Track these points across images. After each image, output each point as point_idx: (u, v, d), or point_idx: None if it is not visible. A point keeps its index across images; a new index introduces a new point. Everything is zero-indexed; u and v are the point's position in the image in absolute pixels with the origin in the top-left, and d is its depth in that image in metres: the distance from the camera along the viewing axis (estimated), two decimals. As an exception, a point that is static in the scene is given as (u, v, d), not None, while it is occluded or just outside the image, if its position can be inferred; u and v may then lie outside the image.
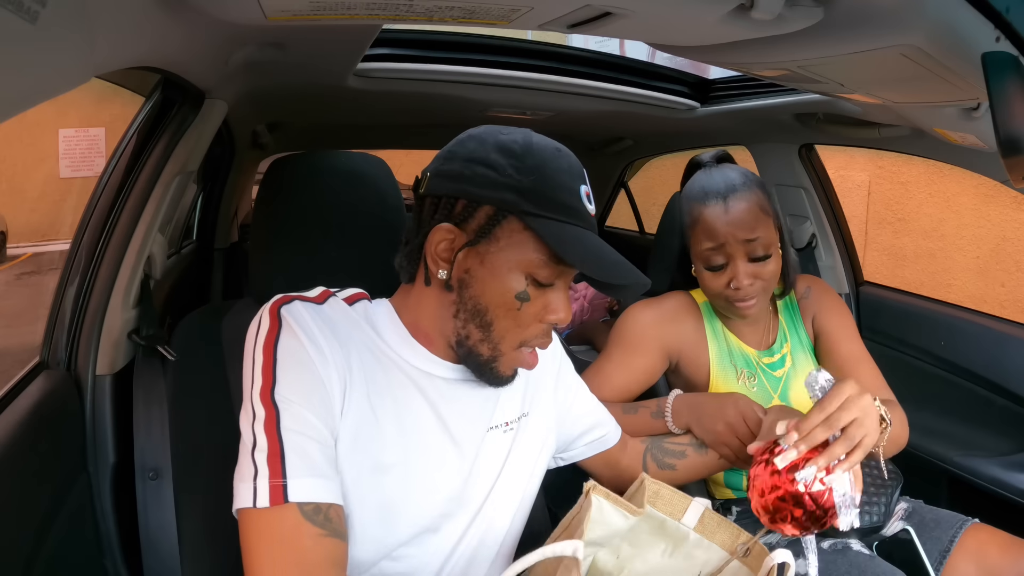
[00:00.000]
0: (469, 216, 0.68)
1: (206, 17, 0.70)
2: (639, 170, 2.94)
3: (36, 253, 6.78)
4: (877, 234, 4.02)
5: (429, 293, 0.72)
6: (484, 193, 0.66)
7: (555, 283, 0.70)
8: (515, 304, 0.68)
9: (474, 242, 0.68)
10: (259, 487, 0.60)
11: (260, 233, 0.95)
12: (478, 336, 0.70)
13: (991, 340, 1.44)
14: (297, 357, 0.64)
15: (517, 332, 0.70)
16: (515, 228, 0.67)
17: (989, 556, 1.02)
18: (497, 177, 0.66)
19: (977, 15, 0.61)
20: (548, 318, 0.70)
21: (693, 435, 0.99)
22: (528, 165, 0.66)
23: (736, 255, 1.04)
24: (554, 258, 0.67)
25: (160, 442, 0.98)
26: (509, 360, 0.72)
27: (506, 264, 0.67)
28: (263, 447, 0.61)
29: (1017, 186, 1.08)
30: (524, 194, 0.65)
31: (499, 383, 0.73)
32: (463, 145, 0.70)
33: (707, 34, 0.74)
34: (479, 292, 0.68)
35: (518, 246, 0.67)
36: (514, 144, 0.68)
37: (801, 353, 1.17)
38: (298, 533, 0.59)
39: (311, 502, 0.60)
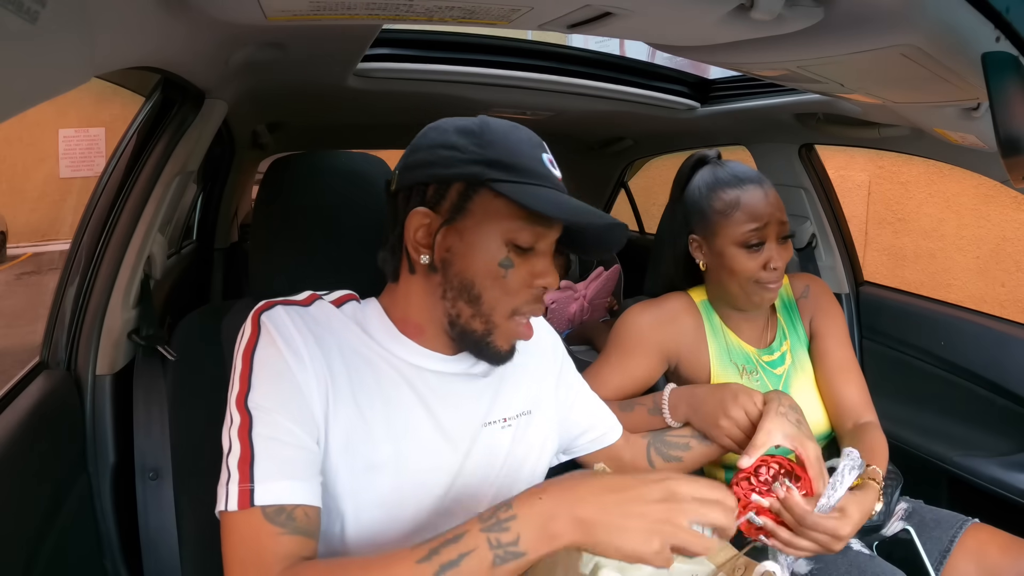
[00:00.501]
0: (441, 197, 0.70)
1: (206, 17, 0.70)
2: (639, 170, 2.94)
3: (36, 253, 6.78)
4: (877, 234, 4.02)
5: (415, 281, 0.73)
6: (452, 172, 0.69)
7: (536, 247, 0.71)
8: (500, 272, 0.69)
9: (450, 220, 0.69)
10: (230, 491, 0.61)
11: (260, 233, 0.95)
12: (469, 312, 0.71)
13: (991, 340, 1.43)
14: (273, 365, 0.65)
15: (507, 301, 0.71)
16: (487, 198, 0.68)
17: (989, 556, 1.02)
18: (461, 155, 0.68)
19: (977, 15, 0.61)
20: (536, 283, 0.71)
21: (693, 427, 1.00)
22: (488, 140, 0.69)
23: (771, 236, 1.08)
24: (530, 220, 0.69)
25: (160, 442, 0.98)
26: (504, 332, 0.72)
27: (485, 235, 0.69)
28: (236, 452, 0.63)
29: (1017, 186, 1.08)
30: (490, 165, 0.68)
31: (499, 359, 0.74)
32: (424, 137, 0.73)
33: (707, 34, 0.74)
34: (463, 267, 0.69)
35: (493, 215, 0.68)
36: (472, 124, 0.71)
37: (800, 351, 1.17)
38: (257, 534, 0.61)
39: (274, 504, 0.61)
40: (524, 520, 0.55)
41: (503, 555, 0.54)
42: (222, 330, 0.92)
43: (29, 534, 0.79)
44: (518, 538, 0.54)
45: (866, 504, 0.89)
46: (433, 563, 0.54)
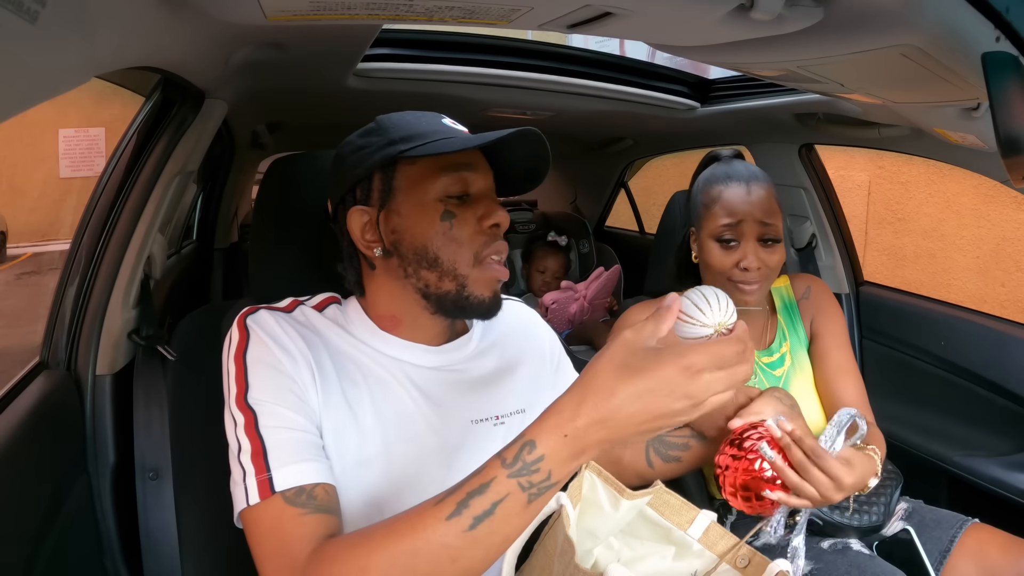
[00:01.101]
0: (368, 191, 0.73)
1: (206, 17, 0.70)
2: (639, 170, 2.94)
3: (36, 253, 6.78)
4: (877, 234, 4.01)
5: (378, 275, 0.75)
6: (367, 165, 0.72)
7: (471, 192, 0.73)
8: (445, 227, 0.71)
9: (384, 206, 0.72)
10: (248, 486, 0.62)
11: (260, 233, 0.95)
12: (434, 276, 0.72)
13: (991, 340, 1.43)
14: (266, 361, 0.67)
15: (464, 251, 0.72)
16: (406, 170, 0.72)
17: (989, 556, 1.02)
18: (370, 149, 0.73)
19: (977, 15, 0.61)
20: (485, 224, 0.72)
21: (692, 427, 0.99)
22: (386, 127, 0.74)
23: (749, 235, 1.08)
24: (451, 169, 0.71)
25: (160, 442, 0.98)
26: (477, 281, 0.73)
27: (418, 201, 0.71)
28: (247, 449, 0.64)
29: (1017, 186, 1.08)
30: (396, 143, 0.71)
31: (485, 309, 0.74)
32: (336, 158, 0.78)
33: (707, 34, 0.74)
34: (411, 238, 0.72)
35: (418, 181, 0.71)
36: (369, 125, 0.76)
37: (800, 352, 1.17)
38: (281, 518, 0.61)
39: (293, 487, 0.62)
40: (552, 457, 0.51)
41: (536, 492, 0.52)
42: (222, 330, 0.92)
43: (29, 534, 0.79)
44: (549, 474, 0.52)
45: (868, 465, 0.89)
46: (465, 517, 0.52)
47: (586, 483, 0.74)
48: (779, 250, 1.09)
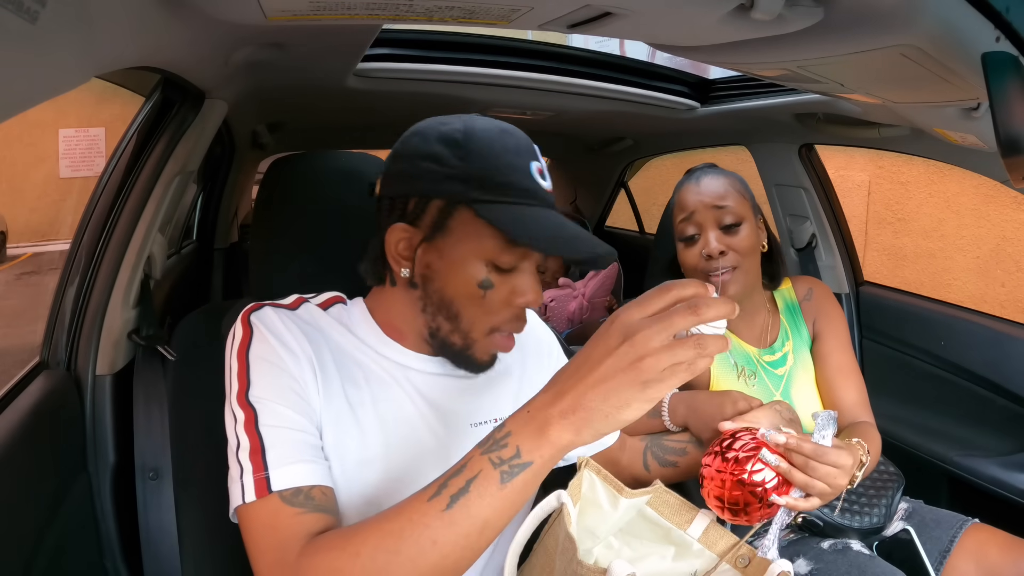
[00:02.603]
0: (421, 212, 0.68)
1: (206, 17, 0.70)
2: (639, 170, 2.94)
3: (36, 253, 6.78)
4: (877, 234, 4.01)
5: (396, 292, 0.74)
6: (431, 188, 0.67)
7: (518, 266, 0.69)
8: (479, 293, 0.68)
9: (430, 237, 0.68)
10: (245, 483, 0.62)
11: (260, 233, 0.95)
12: (448, 327, 0.71)
13: (991, 340, 1.43)
14: (268, 359, 0.66)
15: (486, 319, 0.70)
16: (467, 218, 0.66)
17: (989, 556, 1.02)
18: (441, 169, 0.66)
19: (977, 15, 0.61)
20: (516, 302, 0.69)
21: (691, 432, 0.99)
22: (472, 151, 0.66)
23: (706, 223, 1.09)
24: (511, 241, 0.66)
25: (160, 442, 0.98)
26: (483, 346, 0.72)
27: (464, 255, 0.67)
28: (245, 446, 0.63)
29: (1017, 186, 1.08)
30: (470, 182, 0.65)
31: (477, 369, 0.74)
32: (406, 143, 0.70)
33: (707, 34, 0.74)
34: (442, 285, 0.69)
35: (473, 235, 0.66)
36: (456, 133, 0.67)
37: (803, 352, 1.17)
38: (278, 517, 0.61)
39: (291, 487, 0.62)
40: (518, 433, 0.54)
41: (508, 470, 0.53)
42: (222, 330, 0.92)
43: (29, 534, 0.79)
44: (518, 450, 0.53)
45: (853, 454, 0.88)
46: (443, 496, 0.54)
47: (585, 482, 0.74)
48: (745, 234, 1.09)
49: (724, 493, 0.81)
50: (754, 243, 1.10)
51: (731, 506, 0.80)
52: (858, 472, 0.90)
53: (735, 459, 0.81)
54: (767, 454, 0.81)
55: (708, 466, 0.83)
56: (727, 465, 0.81)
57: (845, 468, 0.81)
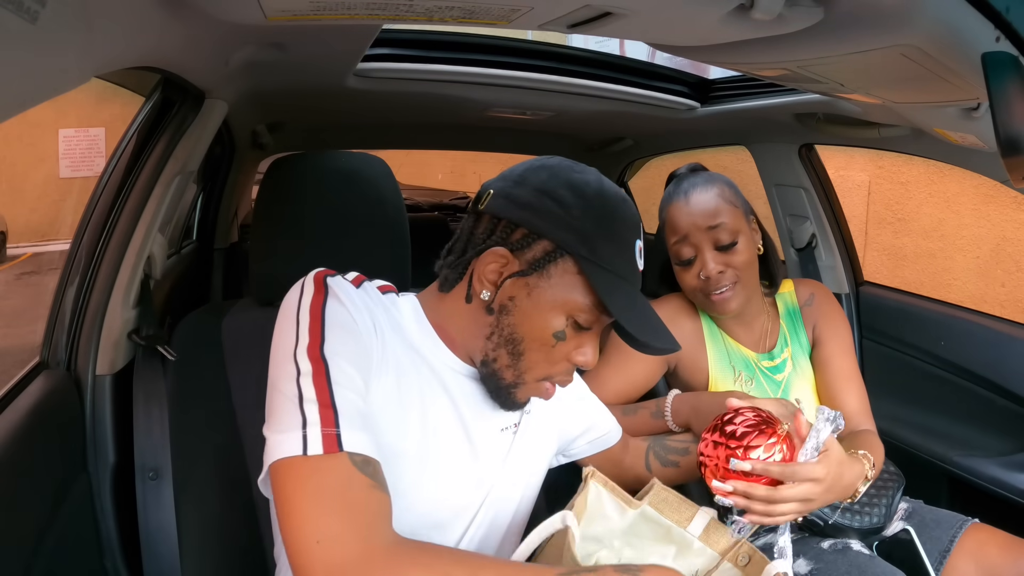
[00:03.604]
0: (526, 246, 0.69)
1: (206, 17, 0.70)
2: (639, 170, 2.94)
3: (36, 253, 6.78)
4: (877, 234, 4.01)
5: (467, 310, 0.72)
6: (546, 228, 0.68)
7: (592, 328, 0.71)
8: (551, 341, 0.69)
9: (525, 273, 0.69)
10: (310, 435, 0.58)
11: (260, 233, 0.95)
12: (506, 362, 0.71)
13: (991, 340, 1.43)
14: (343, 321, 0.64)
15: (545, 367, 0.71)
16: (569, 269, 0.68)
17: (989, 556, 1.02)
18: (563, 214, 0.67)
19: (977, 15, 0.61)
20: (576, 359, 0.71)
21: (694, 433, 0.99)
22: (596, 209, 0.68)
23: (702, 245, 1.06)
24: (599, 306, 0.68)
25: (160, 442, 0.98)
26: (528, 390, 0.72)
27: (552, 301, 0.68)
28: (312, 398, 0.60)
29: (1017, 186, 1.08)
30: (585, 238, 0.67)
31: (510, 407, 0.74)
32: (535, 174, 0.71)
33: (707, 34, 0.74)
34: (518, 321, 0.69)
35: (568, 287, 0.68)
36: (586, 186, 0.69)
37: (802, 358, 1.16)
38: (351, 483, 0.58)
39: (361, 453, 0.59)
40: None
41: None
42: (222, 330, 0.92)
43: (29, 534, 0.79)
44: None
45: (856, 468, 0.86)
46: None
47: (592, 494, 0.74)
48: (741, 250, 1.06)
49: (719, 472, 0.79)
50: (751, 254, 1.08)
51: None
52: (862, 486, 0.89)
53: (734, 434, 0.79)
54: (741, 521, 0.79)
55: (710, 442, 0.81)
56: (727, 440, 0.80)
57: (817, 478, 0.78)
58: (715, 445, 0.80)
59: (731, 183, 1.12)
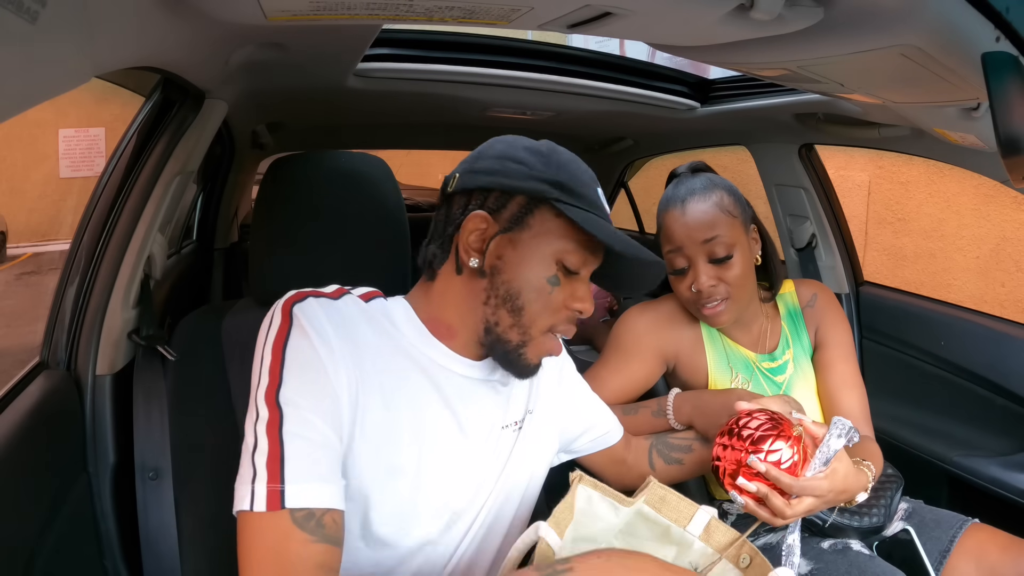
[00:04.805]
0: (502, 206, 0.72)
1: (206, 17, 0.70)
2: (639, 170, 2.94)
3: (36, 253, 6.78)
4: (877, 234, 4.01)
5: (458, 282, 0.74)
6: (517, 184, 0.71)
7: (581, 272, 0.74)
8: (547, 288, 0.71)
9: (507, 229, 0.71)
10: (256, 491, 0.59)
11: (260, 233, 0.95)
12: (509, 321, 0.71)
13: (991, 340, 1.43)
14: (306, 358, 0.63)
15: (546, 316, 0.72)
16: (547, 216, 0.71)
17: (989, 556, 1.02)
18: (528, 171, 0.71)
19: (977, 15, 0.61)
20: (574, 306, 0.73)
21: (696, 430, 0.99)
22: (556, 162, 0.73)
23: (696, 257, 1.05)
24: (582, 244, 0.72)
25: (160, 442, 0.98)
26: (536, 346, 0.73)
27: (538, 250, 0.71)
28: (263, 449, 0.60)
29: (1017, 186, 1.08)
30: (554, 184, 0.71)
31: (525, 373, 0.74)
32: (491, 147, 0.76)
33: (707, 34, 0.74)
34: (511, 277, 0.71)
35: (550, 233, 0.71)
36: (540, 146, 0.74)
37: (804, 360, 1.16)
38: (287, 539, 0.59)
39: (304, 508, 0.60)
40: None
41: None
42: (222, 330, 0.92)
43: (29, 534, 0.79)
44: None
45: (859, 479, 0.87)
46: None
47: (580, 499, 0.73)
48: (736, 263, 1.04)
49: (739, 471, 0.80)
50: (746, 267, 1.07)
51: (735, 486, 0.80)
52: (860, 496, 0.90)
53: (751, 438, 0.80)
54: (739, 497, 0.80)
55: (722, 445, 0.82)
56: (743, 443, 0.80)
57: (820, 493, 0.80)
58: (732, 449, 0.81)
59: (732, 189, 1.10)
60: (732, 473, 0.81)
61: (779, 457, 0.79)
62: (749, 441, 0.80)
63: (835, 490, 0.81)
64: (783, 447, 0.79)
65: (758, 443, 0.79)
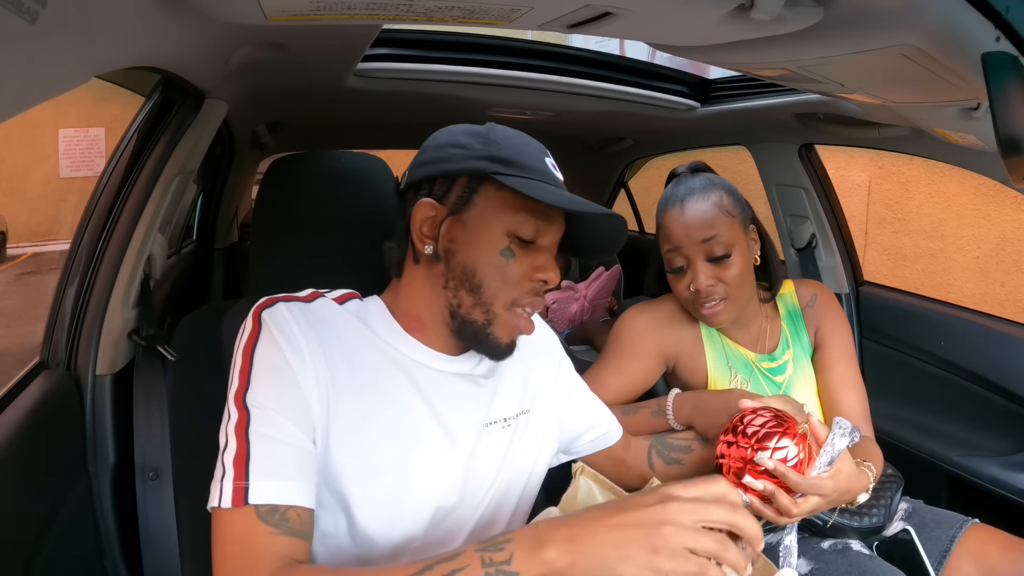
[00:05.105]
0: (447, 190, 0.73)
1: (206, 17, 0.70)
2: (639, 170, 2.94)
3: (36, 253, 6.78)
4: (877, 234, 4.01)
5: (418, 272, 0.75)
6: (458, 166, 0.72)
7: (538, 241, 0.73)
8: (501, 262, 0.71)
9: (455, 212, 0.72)
10: (224, 487, 0.61)
11: (260, 233, 0.95)
12: (470, 301, 0.72)
13: (991, 340, 1.43)
14: (273, 362, 0.65)
15: (507, 291, 0.72)
16: (491, 191, 0.71)
17: (989, 556, 1.02)
18: (468, 152, 0.72)
19: (977, 15, 0.61)
20: (536, 276, 0.73)
21: (696, 431, 0.99)
22: (494, 139, 0.73)
23: (694, 256, 1.05)
24: (532, 212, 0.71)
25: (160, 442, 0.98)
26: (504, 323, 0.73)
27: (488, 225, 0.71)
28: (232, 449, 0.62)
29: (1017, 186, 1.08)
30: (495, 160, 0.71)
31: (499, 352, 0.74)
32: (433, 138, 0.76)
33: (707, 34, 0.74)
34: (465, 256, 0.71)
35: (497, 207, 0.71)
36: (480, 128, 0.75)
37: (804, 360, 1.16)
38: (252, 533, 0.60)
39: (268, 504, 0.61)
40: (519, 542, 0.54)
41: (494, 573, 0.53)
42: (222, 330, 0.92)
43: (29, 534, 0.79)
44: (511, 557, 0.53)
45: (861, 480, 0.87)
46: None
47: (582, 489, 0.73)
48: (735, 263, 1.04)
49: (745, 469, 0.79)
50: (745, 267, 1.06)
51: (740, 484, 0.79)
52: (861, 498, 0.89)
53: (756, 435, 0.79)
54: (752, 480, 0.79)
55: (726, 443, 0.81)
56: (748, 440, 0.79)
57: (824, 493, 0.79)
58: (737, 446, 0.80)
59: (731, 189, 1.09)
60: (737, 471, 0.80)
61: (785, 454, 0.78)
62: (755, 438, 0.79)
63: (839, 490, 0.81)
64: (789, 444, 0.78)
65: (764, 440, 0.78)
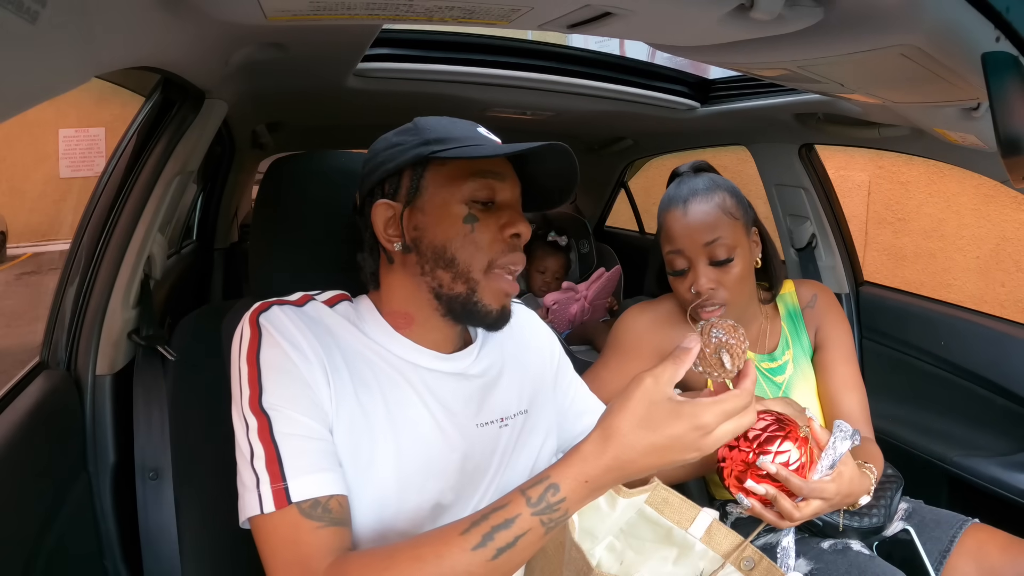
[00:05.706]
0: (397, 186, 0.74)
1: (206, 17, 0.70)
2: (639, 170, 2.94)
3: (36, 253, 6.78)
4: (877, 234, 4.01)
5: (395, 270, 0.76)
6: (398, 161, 0.73)
7: (497, 200, 0.74)
8: (467, 228, 0.72)
9: (410, 202, 0.73)
10: (263, 494, 0.62)
11: (260, 233, 0.95)
12: (448, 276, 0.72)
13: (991, 340, 1.43)
14: (279, 364, 0.66)
15: (480, 255, 0.72)
16: (436, 171, 0.73)
17: (989, 556, 1.02)
18: (404, 147, 0.74)
19: (977, 15, 0.61)
20: (506, 232, 0.73)
21: None
22: (423, 127, 0.75)
23: (696, 259, 1.04)
24: (480, 175, 0.72)
25: (160, 442, 0.98)
26: (486, 288, 0.73)
27: (444, 201, 0.72)
28: (260, 455, 0.63)
29: (1017, 186, 1.08)
30: (429, 142, 0.72)
31: (493, 321, 0.75)
32: (371, 151, 0.79)
33: (707, 34, 0.74)
34: (433, 236, 0.72)
35: (445, 182, 0.73)
36: (407, 125, 0.77)
37: (804, 361, 1.16)
38: (299, 530, 0.61)
39: (309, 498, 0.62)
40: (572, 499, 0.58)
41: (552, 525, 0.58)
42: (222, 330, 0.92)
43: (29, 534, 0.79)
44: (566, 512, 0.58)
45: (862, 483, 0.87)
46: (489, 548, 0.56)
47: None
48: (736, 266, 1.04)
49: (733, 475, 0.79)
50: (746, 270, 1.06)
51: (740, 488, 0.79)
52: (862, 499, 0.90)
53: (758, 439, 0.78)
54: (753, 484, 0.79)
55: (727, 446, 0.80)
56: (750, 444, 0.78)
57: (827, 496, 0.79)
58: (738, 450, 0.79)
59: (734, 190, 1.09)
60: (739, 475, 0.79)
61: (787, 458, 0.77)
62: (756, 442, 0.78)
63: (841, 493, 0.81)
64: (791, 448, 0.78)
65: (765, 444, 0.78)
